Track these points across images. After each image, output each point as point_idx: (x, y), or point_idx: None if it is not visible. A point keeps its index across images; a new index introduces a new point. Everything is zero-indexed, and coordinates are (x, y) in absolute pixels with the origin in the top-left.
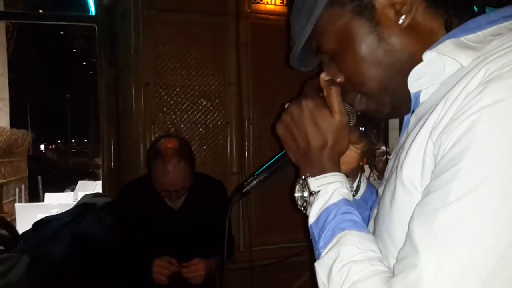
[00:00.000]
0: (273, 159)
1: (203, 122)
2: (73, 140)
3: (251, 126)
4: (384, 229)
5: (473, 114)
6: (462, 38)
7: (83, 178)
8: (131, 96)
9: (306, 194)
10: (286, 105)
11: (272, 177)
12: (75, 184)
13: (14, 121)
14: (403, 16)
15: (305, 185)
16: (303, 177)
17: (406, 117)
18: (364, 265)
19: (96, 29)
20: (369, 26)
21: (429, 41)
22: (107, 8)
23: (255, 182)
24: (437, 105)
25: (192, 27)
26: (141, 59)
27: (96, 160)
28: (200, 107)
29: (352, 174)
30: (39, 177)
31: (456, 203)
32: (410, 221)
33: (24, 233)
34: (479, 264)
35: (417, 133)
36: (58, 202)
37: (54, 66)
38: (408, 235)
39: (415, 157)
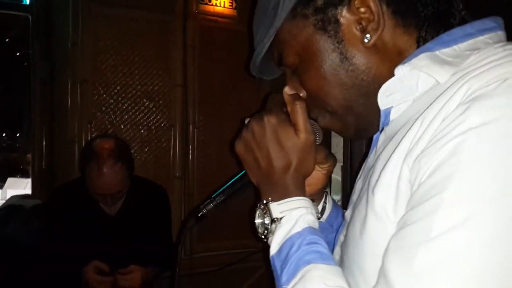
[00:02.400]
0: (232, 180)
1: (145, 123)
2: (4, 134)
3: (196, 129)
4: (353, 260)
5: (456, 136)
6: (437, 52)
7: (14, 174)
8: (67, 93)
9: (267, 220)
10: (246, 120)
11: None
12: (4, 181)
13: None
14: (368, 35)
15: (267, 211)
16: (265, 202)
17: (375, 135)
18: None
19: (30, 19)
20: (332, 43)
21: (396, 62)
22: None
23: (212, 205)
24: (412, 125)
25: (136, 23)
26: (79, 54)
27: (28, 156)
28: (143, 107)
29: (317, 196)
30: None
31: (440, 238)
32: (384, 255)
33: None
34: None
35: (390, 155)
36: None
37: None
38: (382, 272)
39: (389, 182)
